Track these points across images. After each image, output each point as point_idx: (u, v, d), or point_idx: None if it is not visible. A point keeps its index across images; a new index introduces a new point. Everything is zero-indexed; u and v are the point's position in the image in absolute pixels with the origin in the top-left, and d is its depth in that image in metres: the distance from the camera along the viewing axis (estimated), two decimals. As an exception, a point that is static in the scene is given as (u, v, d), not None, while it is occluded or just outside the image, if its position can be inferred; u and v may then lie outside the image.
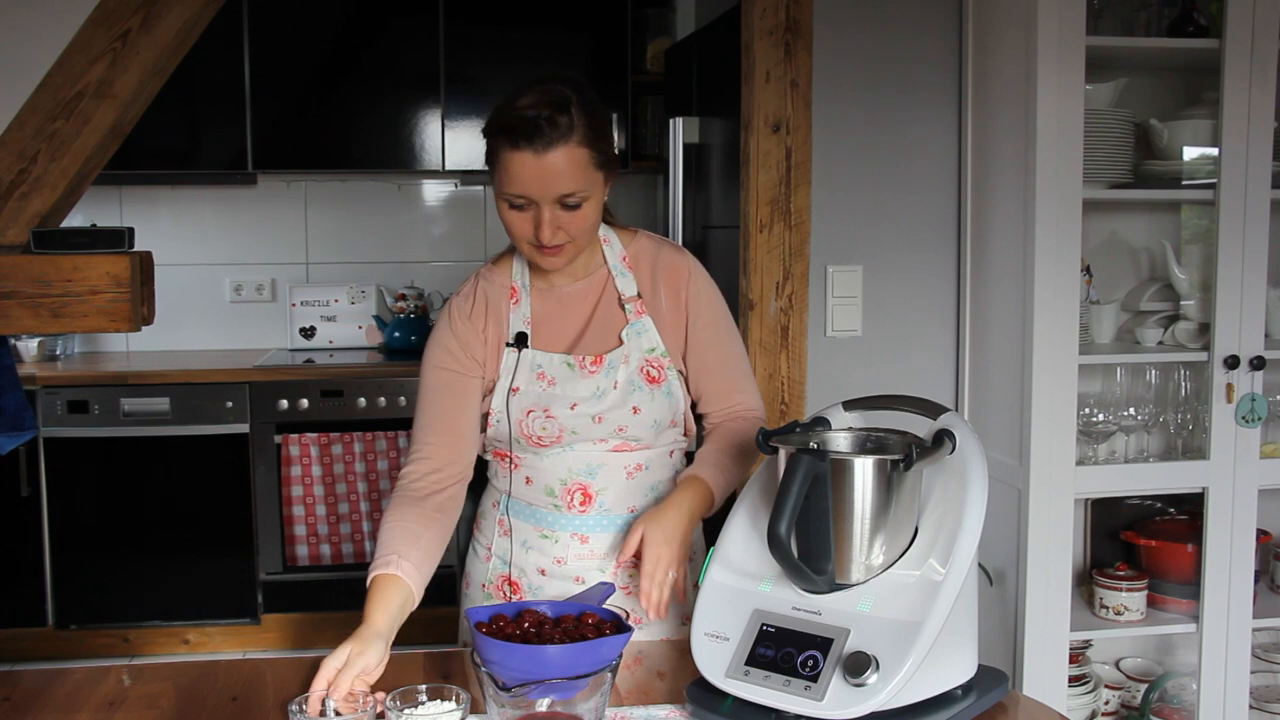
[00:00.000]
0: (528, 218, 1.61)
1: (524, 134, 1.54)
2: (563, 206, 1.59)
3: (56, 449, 3.83)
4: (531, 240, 1.62)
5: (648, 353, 1.72)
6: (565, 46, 4.28)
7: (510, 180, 1.58)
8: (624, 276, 1.75)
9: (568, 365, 1.70)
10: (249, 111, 4.09)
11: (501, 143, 1.57)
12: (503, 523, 1.79)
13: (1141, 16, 2.65)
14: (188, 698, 1.45)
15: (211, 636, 3.98)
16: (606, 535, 1.74)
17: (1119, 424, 2.69)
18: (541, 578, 1.75)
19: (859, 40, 2.70)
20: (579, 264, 1.74)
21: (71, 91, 1.74)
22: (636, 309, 1.73)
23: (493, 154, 1.61)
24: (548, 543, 1.75)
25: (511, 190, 1.59)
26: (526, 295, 1.73)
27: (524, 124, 1.54)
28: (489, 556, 1.81)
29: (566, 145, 1.55)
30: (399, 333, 4.36)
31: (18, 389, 2.05)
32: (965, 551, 1.34)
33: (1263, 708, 2.79)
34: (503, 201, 1.62)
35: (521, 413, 1.69)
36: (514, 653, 1.24)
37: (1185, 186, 2.65)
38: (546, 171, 1.55)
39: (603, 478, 1.72)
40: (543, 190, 1.57)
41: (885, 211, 2.76)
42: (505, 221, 1.64)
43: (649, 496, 1.75)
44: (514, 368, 1.70)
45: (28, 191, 1.75)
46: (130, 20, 1.74)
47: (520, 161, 1.56)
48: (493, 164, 1.62)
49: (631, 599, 1.74)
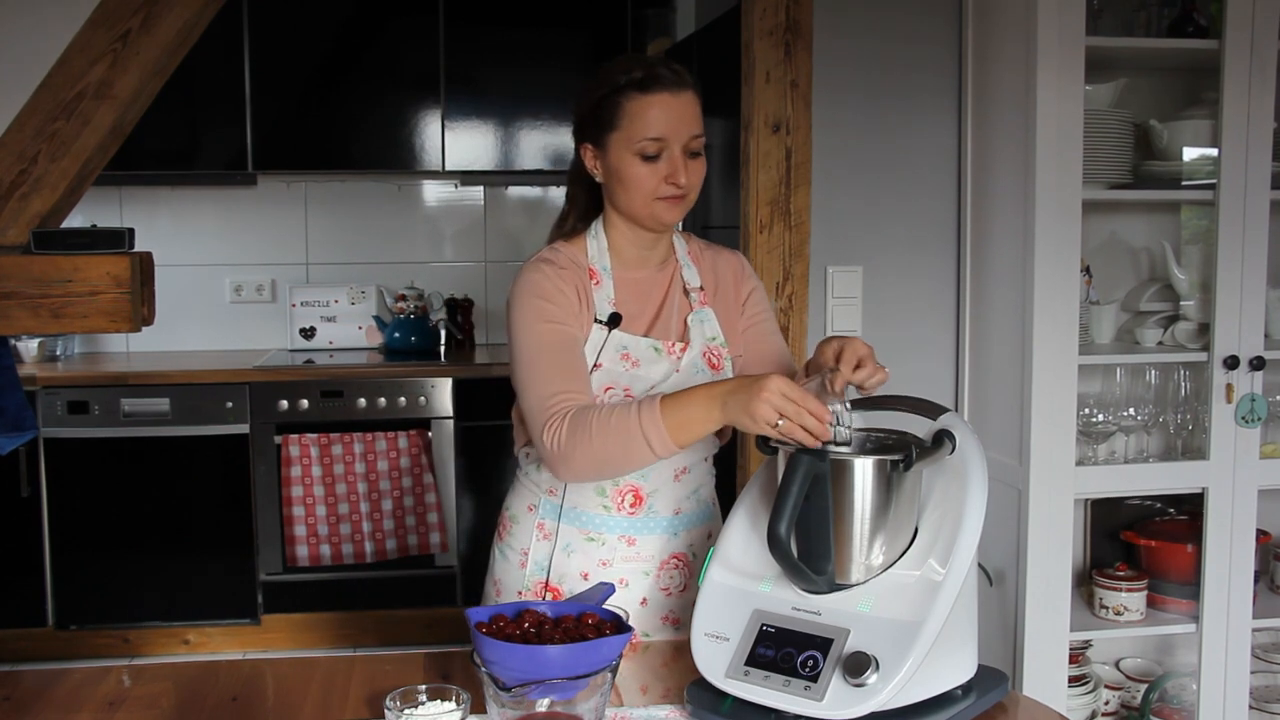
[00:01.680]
0: (658, 168, 1.66)
1: (659, 80, 1.65)
2: (688, 154, 1.67)
3: (57, 449, 3.83)
4: (657, 193, 1.67)
5: (709, 340, 1.77)
6: (565, 47, 4.29)
7: (648, 124, 1.65)
8: (689, 268, 1.81)
9: (654, 349, 1.73)
10: (249, 112, 4.09)
11: (631, 94, 1.65)
12: (542, 526, 1.78)
13: (1141, 17, 2.65)
14: (188, 698, 1.45)
15: (211, 637, 3.98)
16: (653, 537, 1.76)
17: (1119, 424, 2.69)
18: (584, 581, 1.75)
19: (859, 40, 2.70)
20: (659, 251, 1.79)
21: (72, 92, 1.74)
22: (700, 299, 1.79)
23: (615, 111, 1.66)
24: (594, 545, 1.75)
25: (649, 134, 1.65)
26: (608, 277, 1.75)
27: (655, 72, 1.65)
28: (524, 563, 1.80)
29: (692, 91, 1.68)
30: (399, 333, 4.36)
31: (18, 389, 2.05)
32: (965, 552, 1.34)
33: (1262, 708, 2.79)
34: (633, 155, 1.66)
35: (600, 389, 1.69)
36: (514, 653, 1.24)
37: (1185, 187, 2.65)
38: (685, 110, 1.66)
39: (654, 479, 1.74)
40: (679, 128, 1.66)
41: (885, 212, 2.76)
42: (631, 177, 1.67)
43: (692, 499, 1.79)
44: (601, 346, 1.70)
45: (28, 192, 1.75)
46: (130, 21, 1.74)
47: (660, 103, 1.65)
48: (614, 121, 1.66)
49: (671, 599, 1.77)
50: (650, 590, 1.77)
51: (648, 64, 1.67)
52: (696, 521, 1.80)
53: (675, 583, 1.78)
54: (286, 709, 1.41)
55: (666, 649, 1.65)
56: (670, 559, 1.78)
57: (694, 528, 1.80)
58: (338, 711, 1.40)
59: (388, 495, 3.92)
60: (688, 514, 1.79)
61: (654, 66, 1.67)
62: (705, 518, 1.82)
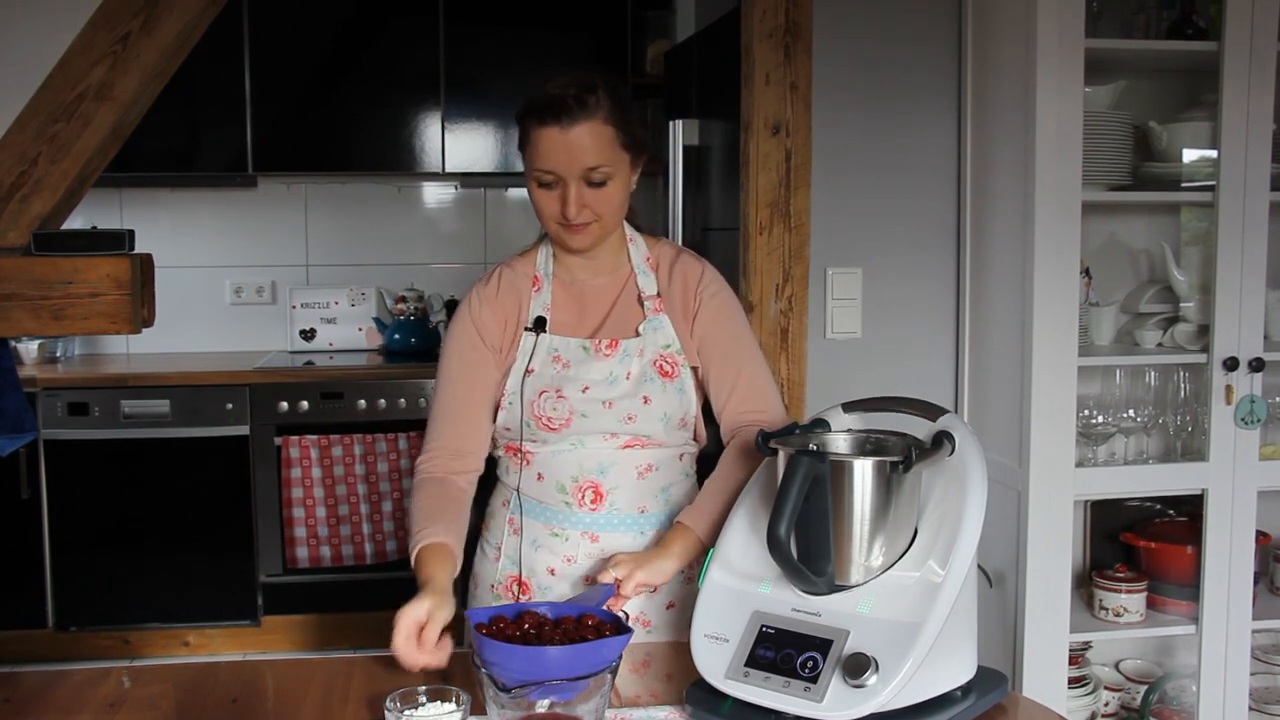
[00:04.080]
0: (555, 196, 1.67)
1: (551, 111, 1.64)
2: (589, 184, 1.66)
3: (57, 451, 3.83)
4: (559, 219, 1.68)
5: (663, 348, 1.75)
6: (565, 48, 4.29)
7: (539, 156, 1.66)
8: (645, 275, 1.80)
9: (583, 348, 1.74)
10: (249, 114, 4.09)
11: (531, 122, 1.67)
12: (513, 521, 1.79)
13: (1140, 19, 2.65)
14: (188, 699, 1.45)
15: (211, 638, 3.98)
16: (617, 534, 1.75)
17: (1118, 426, 2.69)
18: (551, 577, 1.76)
19: (858, 42, 2.70)
20: (604, 258, 1.78)
21: (72, 94, 1.74)
22: (655, 306, 1.78)
23: (524, 136, 1.69)
24: (558, 541, 1.76)
25: (540, 166, 1.67)
26: (549, 283, 1.77)
27: (551, 101, 1.64)
28: (498, 557, 1.81)
29: (591, 121, 1.64)
30: (399, 335, 4.36)
31: (18, 391, 2.05)
32: (965, 553, 1.34)
33: (1262, 709, 2.79)
34: (533, 180, 1.69)
35: (534, 393, 1.72)
36: (514, 654, 1.24)
37: (1184, 189, 2.65)
38: (572, 146, 1.64)
39: (614, 476, 1.74)
40: (568, 165, 1.65)
41: (885, 213, 2.76)
42: (535, 201, 1.70)
43: (660, 498, 1.77)
44: (531, 351, 1.73)
45: (28, 194, 1.75)
46: (131, 23, 1.74)
47: (548, 137, 1.64)
48: (524, 146, 1.70)
49: (641, 599, 1.75)
50: None
51: (554, 93, 1.65)
52: (666, 521, 1.76)
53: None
54: (286, 710, 1.41)
55: (666, 650, 1.65)
56: None
57: (663, 527, 1.75)
58: (338, 713, 1.40)
59: (387, 497, 3.92)
60: (655, 513, 1.76)
61: (559, 96, 1.64)
62: None
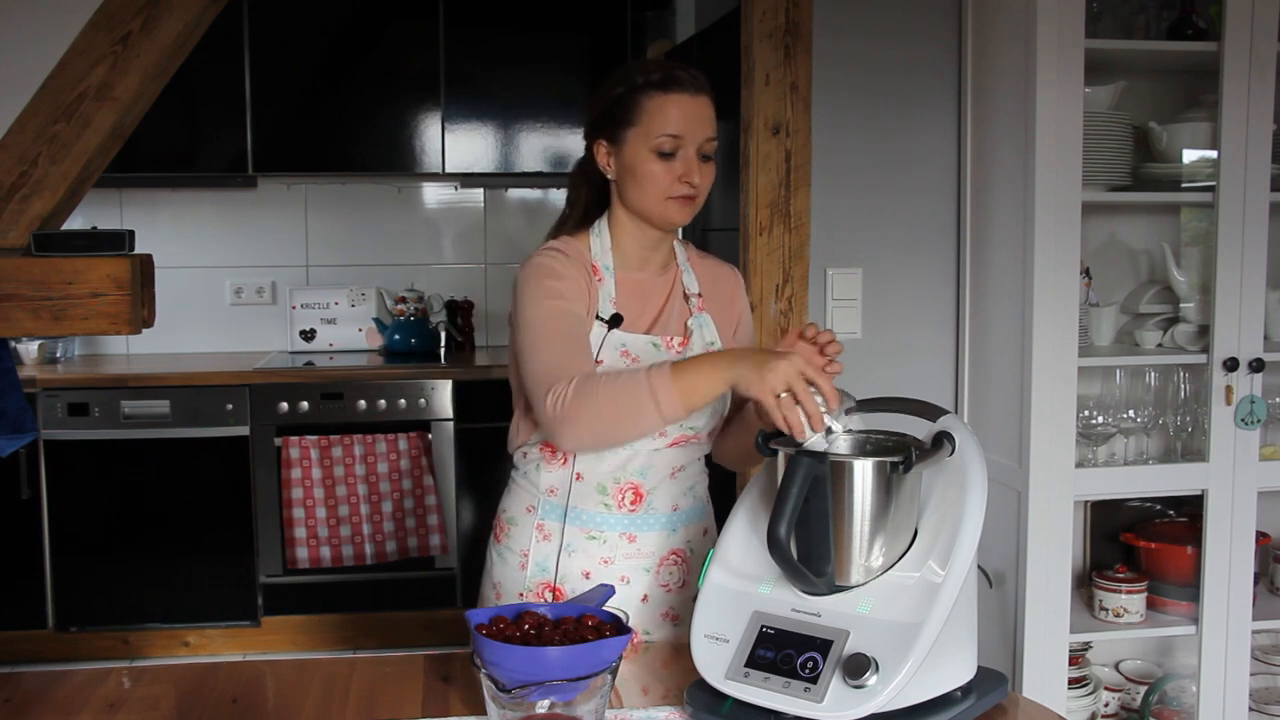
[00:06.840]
0: (672, 166, 1.69)
1: (677, 81, 1.69)
2: (701, 157, 1.71)
3: (57, 451, 3.83)
4: (670, 191, 1.70)
5: (709, 344, 1.80)
6: (565, 49, 4.29)
7: (666, 121, 1.68)
8: (689, 273, 1.85)
9: (653, 345, 1.75)
10: (249, 114, 4.09)
11: (652, 92, 1.69)
12: (542, 527, 1.79)
13: (1140, 19, 2.65)
14: (188, 700, 1.45)
15: (211, 639, 3.98)
16: (653, 534, 1.78)
17: (1118, 426, 2.69)
18: (585, 581, 1.76)
19: (858, 43, 2.71)
20: (662, 255, 1.81)
21: (72, 94, 1.74)
22: (699, 304, 1.82)
23: (632, 108, 1.69)
24: (594, 544, 1.77)
25: (668, 131, 1.68)
26: (610, 276, 1.77)
27: (675, 73, 1.70)
28: (524, 564, 1.80)
29: (708, 96, 1.72)
30: (399, 335, 4.36)
31: (18, 391, 2.05)
32: (965, 553, 1.34)
33: (1262, 709, 2.79)
34: (648, 152, 1.69)
35: None
36: (514, 654, 1.24)
37: (1184, 189, 2.65)
38: (701, 112, 1.70)
39: (653, 477, 1.77)
40: (695, 129, 1.69)
41: (885, 214, 2.76)
42: (645, 174, 1.70)
43: (688, 495, 1.83)
44: (600, 343, 1.72)
45: (28, 194, 1.75)
46: (131, 23, 1.74)
47: (678, 103, 1.68)
48: (632, 118, 1.69)
49: (671, 595, 1.80)
50: (651, 587, 1.79)
51: (668, 66, 1.72)
52: (693, 518, 1.84)
53: (674, 579, 1.82)
54: (286, 711, 1.41)
55: (666, 650, 1.65)
56: (670, 555, 1.80)
57: (691, 524, 1.83)
58: (338, 713, 1.40)
59: (388, 497, 3.92)
60: (685, 510, 1.82)
61: (674, 69, 1.71)
62: (700, 515, 1.86)
